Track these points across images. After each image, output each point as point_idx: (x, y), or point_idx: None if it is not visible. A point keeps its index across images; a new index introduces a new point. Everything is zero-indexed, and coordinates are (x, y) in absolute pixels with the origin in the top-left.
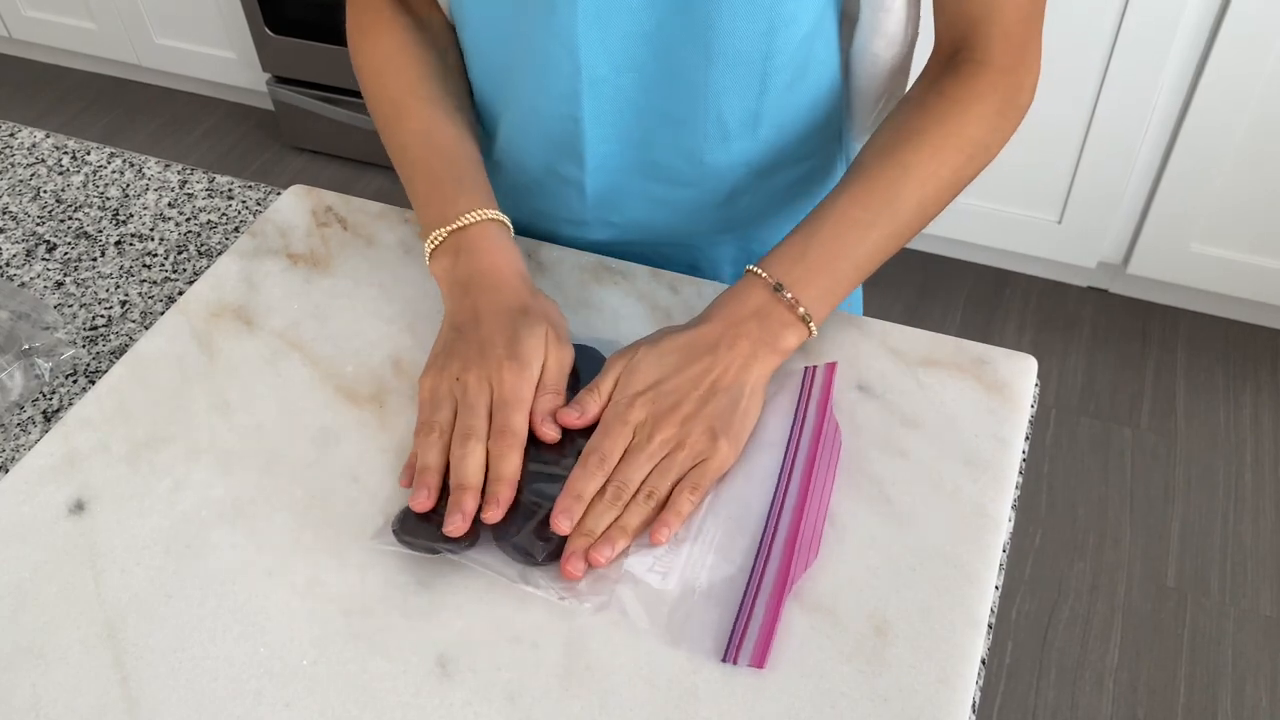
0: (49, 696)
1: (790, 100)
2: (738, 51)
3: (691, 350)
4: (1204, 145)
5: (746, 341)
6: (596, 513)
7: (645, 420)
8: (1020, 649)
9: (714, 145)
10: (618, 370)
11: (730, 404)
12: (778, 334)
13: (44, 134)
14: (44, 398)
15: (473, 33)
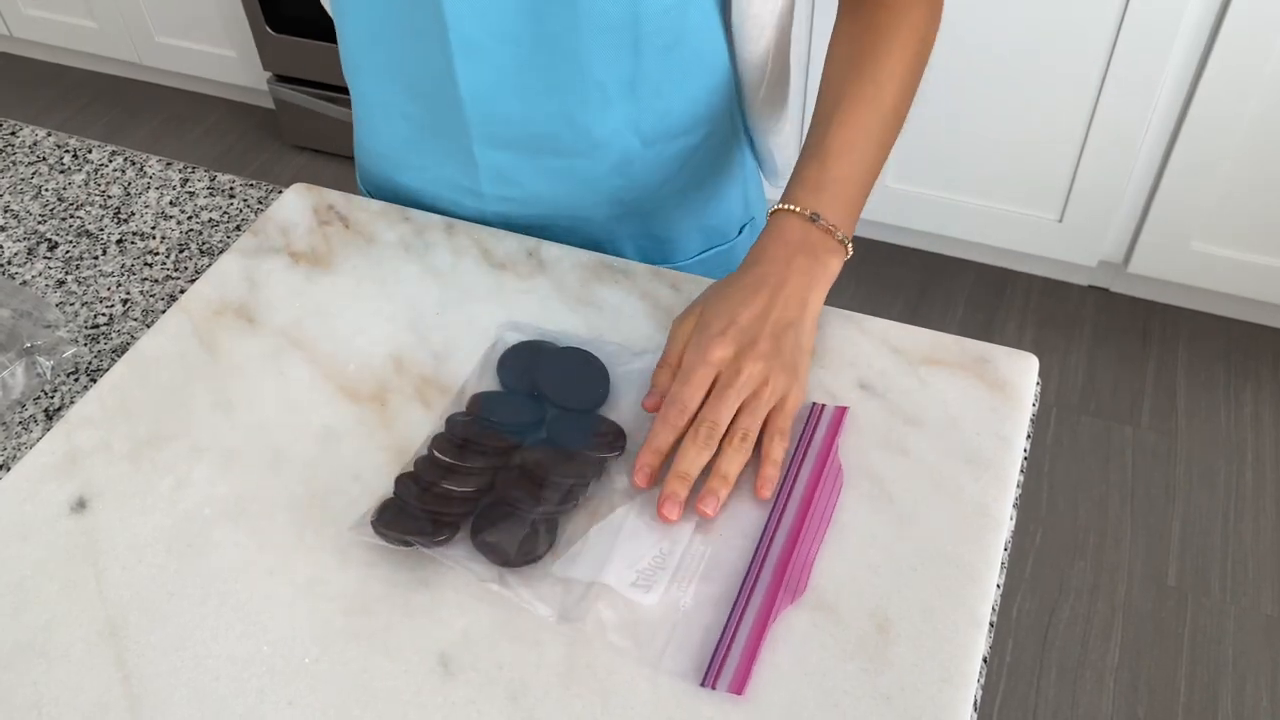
0: (51, 695)
1: (669, 65)
2: (605, 15)
3: (755, 289)
4: (1205, 143)
5: (800, 275)
6: (689, 456)
7: (730, 356)
8: (1021, 648)
9: (595, 111)
10: (686, 329)
11: (797, 341)
12: (825, 262)
13: (45, 132)
14: (45, 396)
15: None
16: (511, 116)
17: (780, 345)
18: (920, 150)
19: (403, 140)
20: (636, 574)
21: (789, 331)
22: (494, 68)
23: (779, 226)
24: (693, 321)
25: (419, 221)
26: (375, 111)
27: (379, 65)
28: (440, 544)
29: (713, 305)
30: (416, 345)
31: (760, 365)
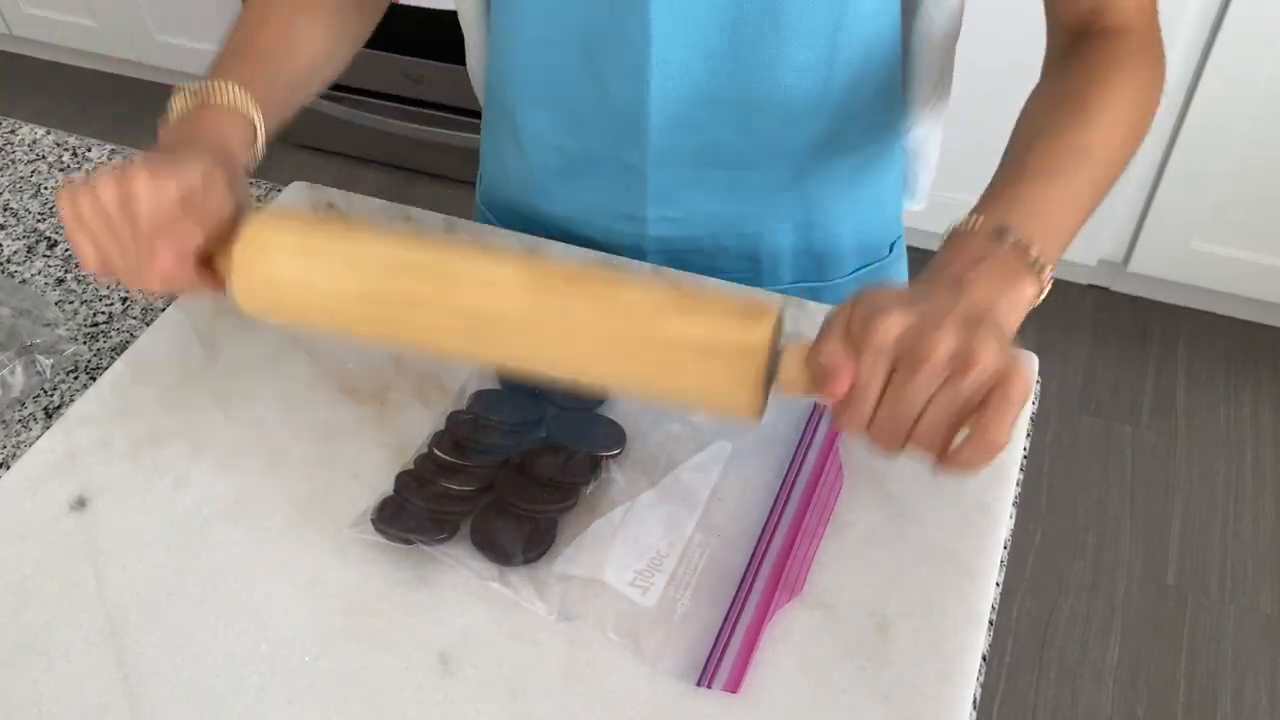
0: (51, 693)
1: (856, 79)
2: (810, 27)
3: (931, 287)
4: (1205, 142)
5: (986, 285)
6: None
7: (909, 332)
8: (1021, 646)
9: (781, 127)
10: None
11: (1000, 330)
12: (1012, 279)
13: (45, 130)
14: (45, 394)
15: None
16: (695, 126)
17: (982, 321)
18: None
19: (555, 170)
20: (635, 573)
21: (988, 317)
22: (688, 80)
23: (954, 245)
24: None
25: (419, 219)
26: (528, 142)
27: (547, 98)
28: (440, 542)
29: (871, 293)
30: None
31: (957, 336)
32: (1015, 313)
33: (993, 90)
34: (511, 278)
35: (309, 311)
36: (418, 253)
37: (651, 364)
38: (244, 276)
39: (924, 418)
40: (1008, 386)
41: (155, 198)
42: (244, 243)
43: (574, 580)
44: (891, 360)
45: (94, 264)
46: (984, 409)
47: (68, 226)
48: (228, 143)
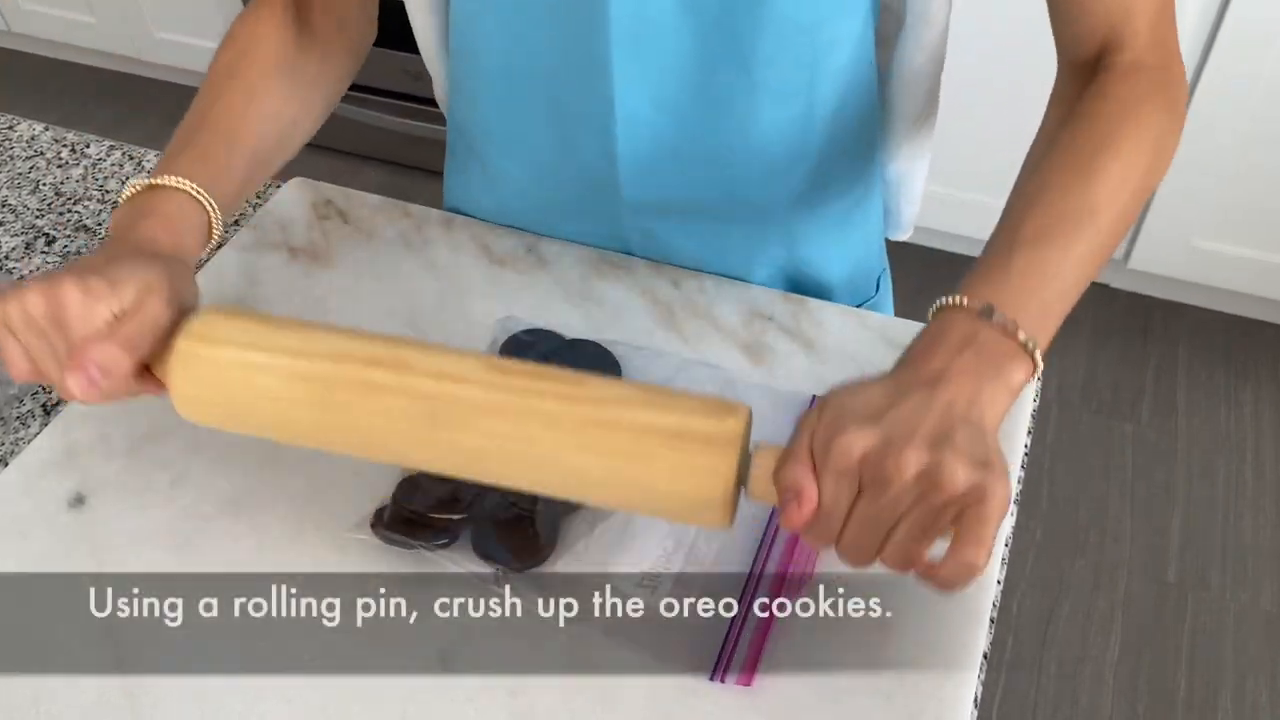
0: (49, 690)
1: (833, 129)
2: (782, 82)
3: (903, 387)
4: (1206, 140)
5: (967, 377)
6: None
7: (871, 453)
8: (1021, 644)
9: (759, 181)
10: (811, 421)
11: (979, 435)
12: (1001, 366)
13: (43, 126)
14: (43, 391)
15: (491, 66)
16: (669, 186)
17: (956, 436)
18: None
19: (529, 207)
20: (641, 573)
21: (962, 427)
22: (656, 139)
23: (940, 326)
24: (816, 413)
25: (418, 216)
26: (499, 180)
27: (515, 148)
28: (441, 547)
29: (848, 397)
30: None
31: (924, 456)
32: (1001, 402)
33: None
34: (471, 368)
35: (251, 411)
36: (369, 342)
37: (619, 454)
38: (182, 380)
39: (892, 538)
40: (981, 505)
41: (85, 317)
42: (182, 343)
43: (579, 582)
44: (856, 482)
45: (25, 372)
46: (958, 528)
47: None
48: (178, 240)
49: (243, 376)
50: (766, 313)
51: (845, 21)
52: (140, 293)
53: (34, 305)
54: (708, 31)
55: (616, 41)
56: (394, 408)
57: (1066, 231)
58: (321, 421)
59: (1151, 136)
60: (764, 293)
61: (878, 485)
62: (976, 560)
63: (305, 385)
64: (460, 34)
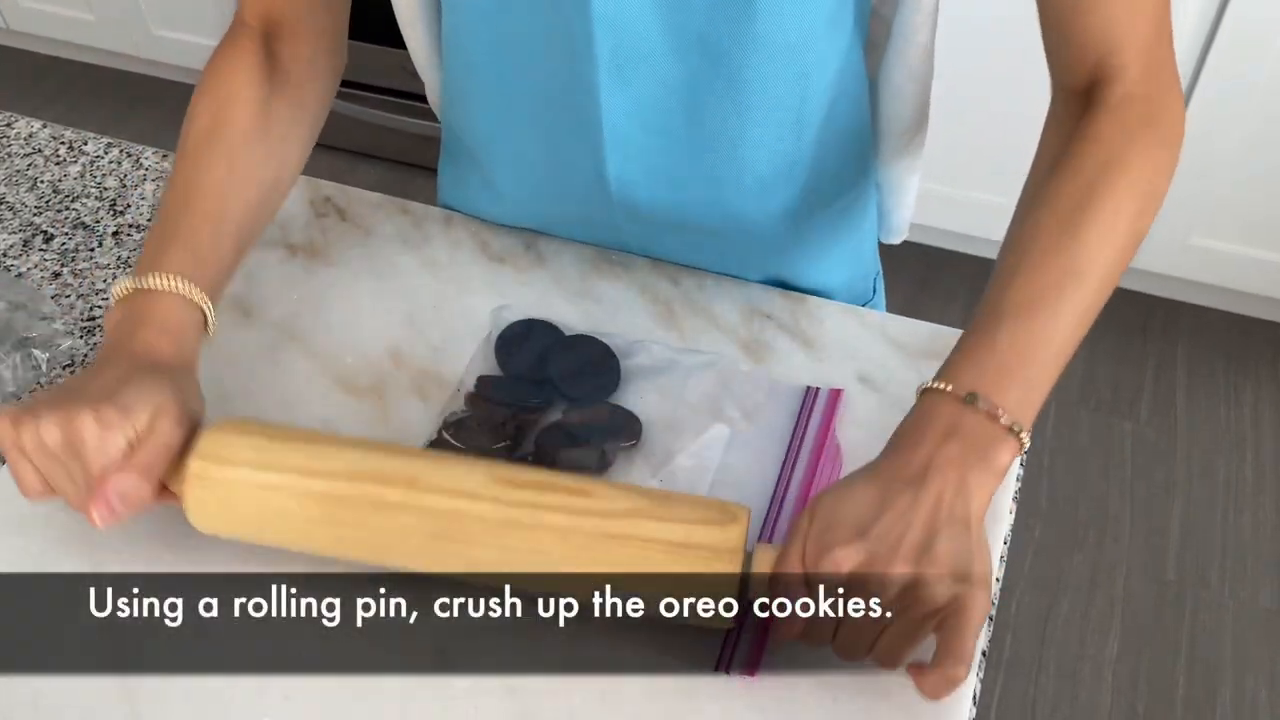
0: (48, 688)
1: (824, 142)
2: (772, 101)
3: (889, 486)
4: (1205, 137)
5: (952, 468)
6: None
7: (859, 569)
8: (1020, 642)
9: (753, 200)
10: (803, 529)
11: (962, 538)
12: (984, 450)
13: (41, 124)
14: (41, 388)
15: (483, 81)
16: (660, 205)
17: (937, 547)
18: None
19: (529, 212)
20: None
21: (945, 530)
22: (646, 161)
23: (923, 412)
24: (807, 519)
25: (416, 214)
26: (498, 182)
27: (510, 161)
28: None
29: (835, 505)
30: (414, 338)
31: (905, 571)
32: (988, 486)
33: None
34: (480, 482)
35: (265, 527)
36: (379, 459)
37: (626, 563)
38: (198, 500)
39: (879, 643)
40: (960, 617)
41: (101, 447)
42: (196, 465)
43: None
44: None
45: (36, 491)
46: (939, 639)
47: (6, 452)
48: (178, 348)
49: (256, 496)
50: (765, 310)
51: (833, 39)
52: (152, 416)
53: (50, 435)
54: (694, 54)
55: (603, 67)
56: (406, 525)
57: (1052, 299)
58: (335, 536)
59: (1142, 178)
60: (763, 290)
61: (866, 597)
62: (957, 674)
63: (318, 504)
64: (452, 50)
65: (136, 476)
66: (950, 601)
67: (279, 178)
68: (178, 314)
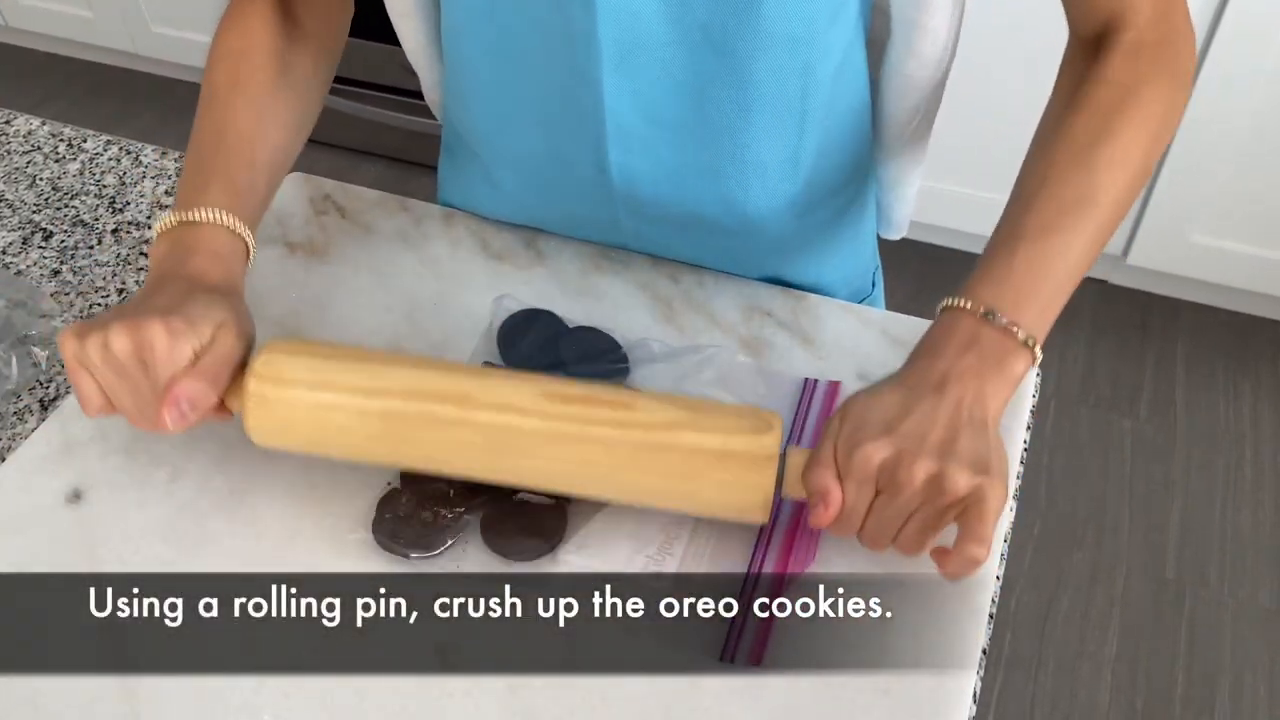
0: (47, 686)
1: (826, 135)
2: (777, 94)
3: (913, 392)
4: (1205, 135)
5: (971, 376)
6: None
7: (887, 463)
8: (1019, 640)
9: (755, 193)
10: (834, 430)
11: (981, 438)
12: (1000, 361)
13: (40, 121)
14: (41, 386)
15: (483, 80)
16: (662, 199)
17: (958, 445)
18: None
19: (533, 212)
20: (646, 557)
21: (966, 430)
22: (649, 154)
23: (945, 326)
24: (837, 421)
25: (416, 211)
26: (504, 185)
27: (511, 160)
28: (441, 554)
29: (865, 407)
30: (414, 336)
31: (932, 465)
32: (1003, 394)
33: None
34: (529, 397)
35: (324, 442)
36: (432, 378)
37: (671, 474)
38: (257, 419)
39: (904, 531)
40: (981, 506)
41: (171, 358)
42: (254, 385)
43: (585, 569)
44: (874, 486)
45: (97, 406)
46: (962, 524)
47: (69, 366)
48: (228, 273)
49: (313, 415)
50: (765, 308)
51: (837, 31)
52: (215, 329)
53: (119, 345)
54: (698, 46)
55: (607, 58)
56: (460, 439)
57: (1067, 224)
58: (391, 451)
59: (1153, 116)
60: (763, 288)
61: (892, 490)
62: (978, 554)
63: (375, 421)
64: (452, 46)
65: (204, 383)
66: (971, 491)
67: (302, 122)
68: (224, 242)
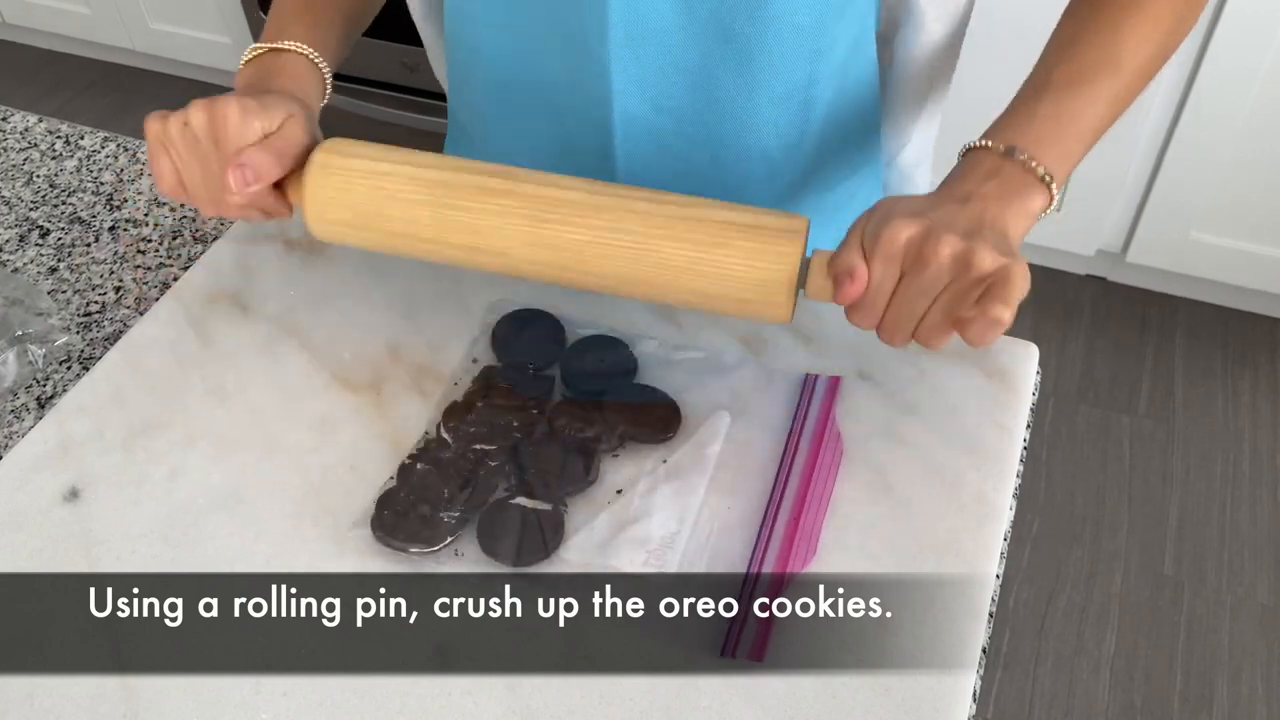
0: (45, 684)
1: (832, 121)
2: (782, 82)
3: (939, 199)
4: (1203, 132)
5: (992, 199)
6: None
7: (914, 239)
8: (1018, 637)
9: (759, 180)
10: (861, 222)
11: (1002, 238)
12: (1020, 191)
13: (37, 118)
14: (38, 384)
15: (487, 59)
16: (667, 185)
17: (981, 229)
18: None
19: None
20: (647, 554)
21: (988, 229)
22: (654, 139)
23: (968, 162)
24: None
25: None
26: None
27: (514, 142)
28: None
29: (888, 203)
30: (412, 333)
31: (958, 243)
32: (1022, 223)
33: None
34: (573, 181)
35: (376, 215)
36: (482, 165)
37: (703, 242)
38: (315, 185)
39: (928, 316)
40: (1007, 277)
41: (242, 131)
42: (320, 155)
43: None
44: (900, 265)
45: (171, 184)
46: (986, 294)
47: (151, 147)
48: (306, 94)
49: (372, 182)
50: None
51: (845, 21)
52: (285, 116)
53: (197, 120)
54: (706, 33)
55: (615, 42)
56: (506, 206)
57: (1091, 79)
58: (441, 219)
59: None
60: None
61: (919, 266)
62: (1003, 316)
63: (428, 188)
64: (456, 32)
65: (269, 154)
66: (996, 270)
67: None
68: (306, 69)
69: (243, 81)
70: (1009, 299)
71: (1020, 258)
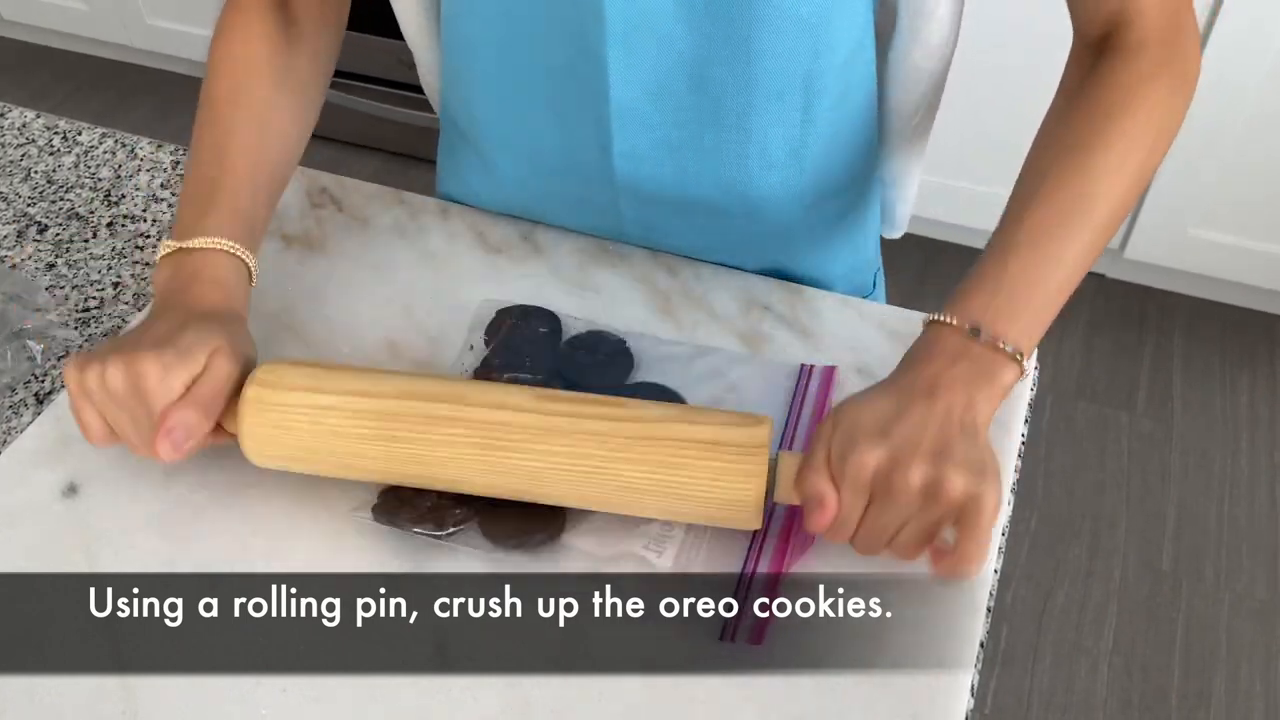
0: (45, 684)
1: (833, 124)
2: (780, 75)
3: (905, 396)
4: (1202, 129)
5: (960, 384)
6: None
7: (881, 469)
8: (1016, 633)
9: (757, 178)
10: (826, 435)
11: (974, 444)
12: (988, 373)
13: (34, 114)
14: (36, 380)
15: (485, 57)
16: (664, 180)
17: (952, 449)
18: None
19: (533, 198)
20: (648, 538)
21: (959, 437)
22: (651, 133)
23: (931, 340)
24: (830, 425)
25: (413, 205)
26: (497, 169)
27: (511, 142)
28: (446, 538)
29: (856, 412)
30: (410, 329)
31: (926, 469)
32: (994, 401)
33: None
34: (523, 398)
35: (318, 449)
36: (427, 383)
37: (663, 464)
38: (252, 424)
39: (898, 538)
40: (977, 511)
41: (163, 391)
42: (252, 390)
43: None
44: (869, 492)
45: (100, 434)
46: (959, 529)
47: (72, 398)
48: (228, 299)
49: (310, 416)
50: (763, 302)
51: (846, 17)
52: (209, 356)
53: (114, 379)
54: (704, 24)
55: (612, 34)
56: (455, 435)
57: (1060, 231)
58: (389, 453)
59: (1154, 118)
60: (761, 281)
61: (887, 496)
62: (971, 562)
63: (371, 422)
64: (452, 27)
65: (196, 411)
66: (967, 496)
67: (303, 130)
68: (225, 268)
69: (160, 284)
70: (979, 538)
71: (992, 472)
